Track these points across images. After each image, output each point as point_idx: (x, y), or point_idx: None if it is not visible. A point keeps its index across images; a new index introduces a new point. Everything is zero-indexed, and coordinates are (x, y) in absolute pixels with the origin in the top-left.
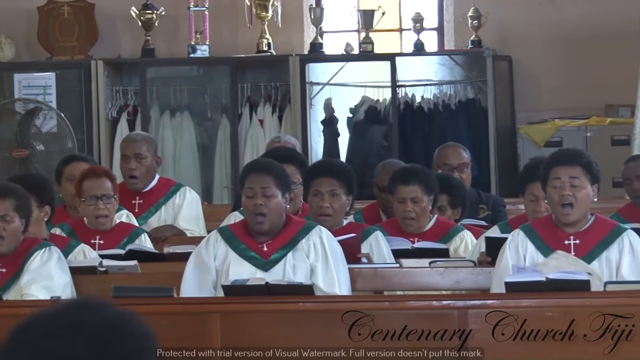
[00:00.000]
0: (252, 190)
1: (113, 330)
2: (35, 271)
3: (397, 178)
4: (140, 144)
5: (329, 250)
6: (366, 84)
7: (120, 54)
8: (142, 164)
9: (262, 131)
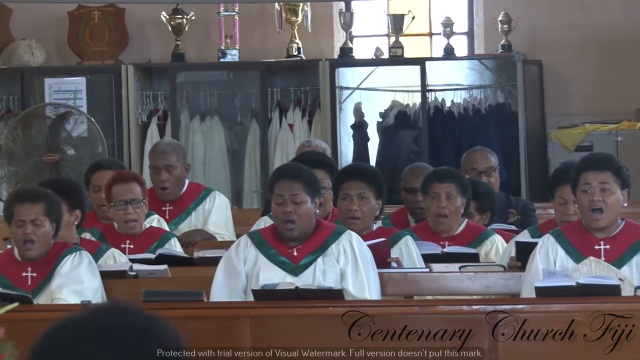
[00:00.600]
0: (281, 197)
1: (141, 334)
2: (66, 275)
3: (432, 176)
4: (170, 155)
5: (359, 255)
6: (396, 89)
7: (151, 58)
8: (172, 174)
9: (291, 135)
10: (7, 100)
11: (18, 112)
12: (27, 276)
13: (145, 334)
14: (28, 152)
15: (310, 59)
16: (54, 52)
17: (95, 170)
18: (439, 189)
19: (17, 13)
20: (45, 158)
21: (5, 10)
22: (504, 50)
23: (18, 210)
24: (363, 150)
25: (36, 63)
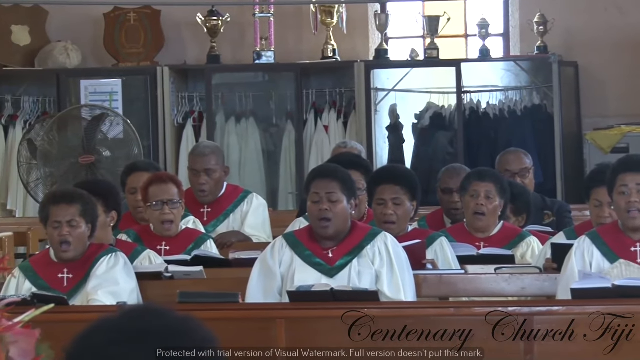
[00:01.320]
0: (317, 195)
1: (175, 336)
2: (102, 277)
3: (473, 174)
4: (210, 158)
5: (394, 257)
6: (431, 90)
7: (186, 60)
8: (212, 177)
9: (327, 137)
10: (44, 102)
11: (54, 114)
12: (63, 277)
13: (179, 335)
14: (64, 154)
15: (345, 60)
16: (90, 53)
17: (131, 172)
18: (479, 187)
19: (53, 15)
20: (81, 160)
21: (41, 13)
22: (539, 51)
23: (54, 212)
24: (398, 152)
25: (72, 65)
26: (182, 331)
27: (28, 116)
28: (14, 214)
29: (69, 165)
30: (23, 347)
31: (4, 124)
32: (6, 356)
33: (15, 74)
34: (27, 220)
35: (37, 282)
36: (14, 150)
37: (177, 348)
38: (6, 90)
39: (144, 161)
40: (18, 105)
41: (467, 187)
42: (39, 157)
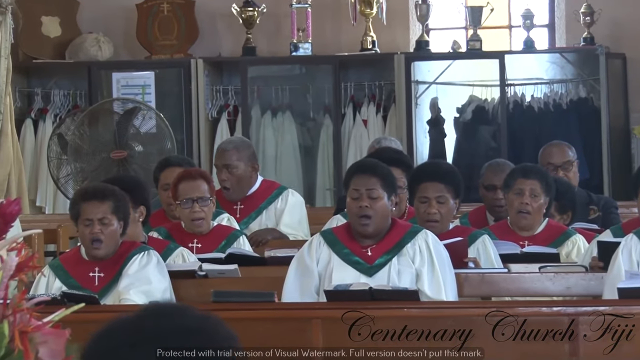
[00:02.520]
0: (357, 192)
1: (195, 335)
2: (134, 275)
3: (518, 171)
4: (230, 154)
5: (435, 255)
6: (474, 83)
7: (221, 52)
8: (232, 174)
9: (365, 131)
10: (74, 95)
11: (85, 107)
12: (95, 276)
13: (198, 334)
14: (95, 149)
15: (385, 52)
16: (122, 45)
17: (164, 167)
18: (524, 184)
19: (85, 6)
20: (112, 155)
21: (72, 4)
22: (586, 43)
23: (85, 209)
24: (439, 147)
25: (104, 57)
26: (201, 330)
27: (58, 110)
28: (43, 210)
29: (100, 161)
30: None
31: (33, 117)
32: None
33: (45, 67)
34: (57, 217)
35: (67, 281)
36: (44, 144)
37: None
38: (36, 83)
39: (177, 156)
40: (48, 99)
41: (511, 184)
42: (70, 152)
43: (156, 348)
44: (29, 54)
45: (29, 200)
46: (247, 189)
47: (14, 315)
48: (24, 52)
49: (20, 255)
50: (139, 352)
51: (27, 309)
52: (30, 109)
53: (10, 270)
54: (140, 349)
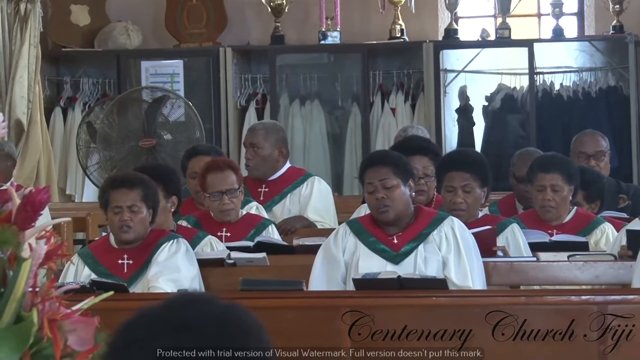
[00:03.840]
0: (372, 185)
1: (220, 324)
2: (163, 264)
3: (536, 166)
4: (257, 133)
5: (462, 242)
6: (503, 71)
7: (250, 41)
8: (257, 153)
9: (394, 120)
10: (103, 84)
11: (114, 96)
12: (123, 264)
13: (224, 323)
14: (124, 137)
15: (413, 40)
16: (151, 34)
17: (192, 156)
18: (544, 180)
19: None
20: (141, 143)
21: None
22: (615, 31)
23: (114, 197)
24: (468, 135)
25: (132, 46)
26: (227, 319)
27: (87, 98)
28: (72, 198)
29: (129, 149)
30: (81, 335)
31: (62, 106)
32: (64, 344)
33: (74, 55)
34: (86, 205)
35: (96, 269)
36: (73, 133)
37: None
38: (65, 71)
39: (206, 145)
40: (77, 87)
41: (532, 179)
42: (99, 140)
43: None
44: (58, 43)
45: (58, 189)
46: (270, 172)
47: (43, 303)
48: (53, 40)
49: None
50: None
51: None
52: (59, 98)
53: (39, 258)
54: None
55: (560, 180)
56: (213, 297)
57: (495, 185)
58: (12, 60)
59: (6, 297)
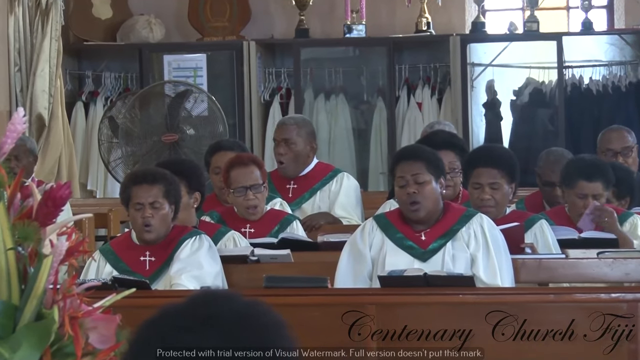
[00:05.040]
0: (403, 179)
1: (244, 321)
2: (185, 260)
3: (579, 173)
4: (291, 129)
5: (491, 239)
6: (531, 65)
7: (274, 34)
8: (290, 149)
9: (420, 115)
10: (125, 78)
11: (136, 90)
12: (145, 260)
13: (248, 320)
14: (146, 132)
15: (440, 34)
16: (174, 27)
17: (215, 151)
18: (587, 189)
19: None
20: (164, 138)
21: None
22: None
23: (136, 193)
24: (495, 130)
25: (155, 39)
26: (250, 315)
27: (109, 93)
28: (94, 194)
29: (151, 144)
30: (103, 333)
31: (84, 100)
32: (86, 342)
33: (96, 49)
34: (107, 201)
35: (118, 265)
36: (95, 128)
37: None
38: (87, 65)
39: (229, 140)
40: (99, 82)
41: (572, 185)
42: (121, 135)
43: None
44: (79, 36)
45: (80, 184)
46: (302, 167)
47: (64, 300)
48: (75, 34)
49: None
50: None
51: (77, 294)
52: (80, 92)
53: (60, 254)
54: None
55: (601, 188)
56: (236, 294)
57: (523, 180)
58: (33, 54)
59: (27, 294)
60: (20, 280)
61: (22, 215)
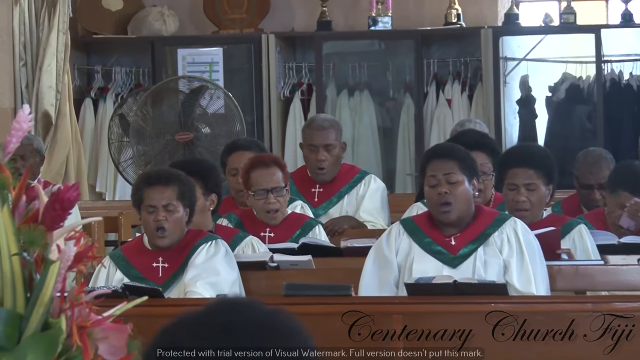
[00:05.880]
0: (434, 178)
1: (265, 330)
2: (201, 266)
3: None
4: (329, 132)
5: (525, 244)
6: (568, 59)
7: (294, 27)
8: (331, 154)
9: (449, 112)
10: (137, 73)
11: (148, 86)
12: (158, 267)
13: (268, 329)
14: (159, 131)
15: (471, 26)
16: (188, 20)
17: (232, 151)
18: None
19: None
20: (177, 137)
21: None
22: None
23: (148, 195)
24: (530, 129)
25: (168, 32)
26: (271, 325)
27: (120, 89)
28: (103, 196)
29: (164, 143)
30: (113, 343)
31: (93, 97)
32: (95, 353)
33: (105, 43)
34: (118, 204)
35: (129, 272)
36: (104, 126)
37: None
38: (96, 60)
39: (247, 139)
40: (109, 77)
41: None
42: (132, 134)
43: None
44: (88, 29)
45: (89, 186)
46: (336, 171)
47: (72, 309)
48: (83, 26)
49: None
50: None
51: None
52: (89, 88)
53: (68, 260)
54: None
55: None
56: (256, 301)
57: (559, 182)
58: (40, 48)
59: (33, 303)
60: (25, 287)
61: (28, 219)
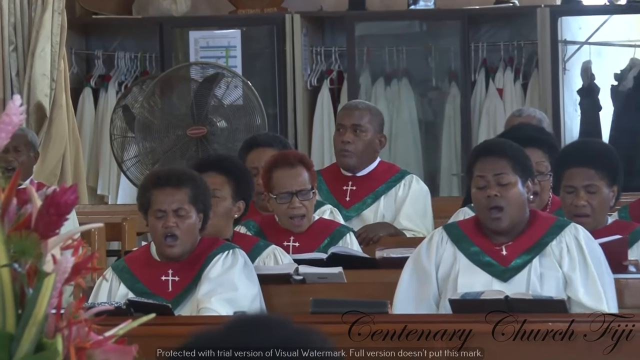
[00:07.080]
0: (483, 179)
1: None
2: (216, 280)
3: None
4: (362, 114)
5: (589, 255)
6: (636, 43)
7: (322, 6)
8: (359, 137)
9: (501, 103)
10: (143, 59)
11: (156, 73)
12: (168, 280)
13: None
14: (168, 125)
15: (525, 5)
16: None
17: (251, 148)
18: None
19: None
20: (189, 132)
21: None
22: None
23: (157, 198)
24: (593, 122)
25: (179, 13)
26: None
27: (123, 77)
28: (105, 200)
29: (174, 139)
30: None
31: (93, 86)
32: None
33: (107, 24)
34: (121, 209)
35: (134, 286)
36: (106, 119)
37: None
38: (97, 44)
39: (268, 134)
40: (111, 63)
41: None
42: (137, 128)
43: None
44: (87, 9)
45: (88, 188)
46: (366, 163)
47: (69, 328)
48: (82, 6)
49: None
50: None
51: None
52: (89, 76)
53: (64, 273)
54: None
55: None
56: (287, 320)
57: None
58: (32, 31)
59: (25, 321)
60: (16, 303)
61: (19, 225)
